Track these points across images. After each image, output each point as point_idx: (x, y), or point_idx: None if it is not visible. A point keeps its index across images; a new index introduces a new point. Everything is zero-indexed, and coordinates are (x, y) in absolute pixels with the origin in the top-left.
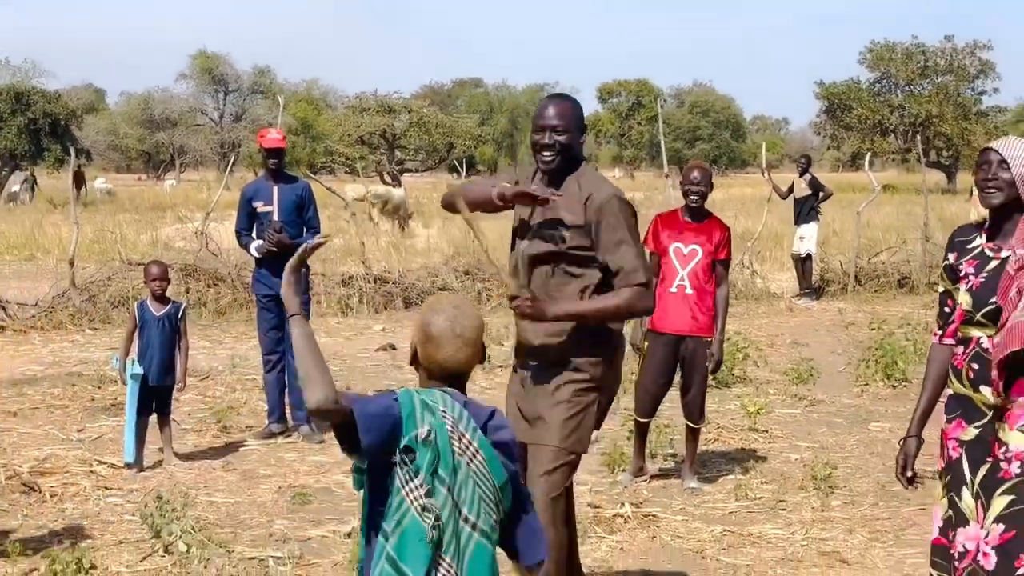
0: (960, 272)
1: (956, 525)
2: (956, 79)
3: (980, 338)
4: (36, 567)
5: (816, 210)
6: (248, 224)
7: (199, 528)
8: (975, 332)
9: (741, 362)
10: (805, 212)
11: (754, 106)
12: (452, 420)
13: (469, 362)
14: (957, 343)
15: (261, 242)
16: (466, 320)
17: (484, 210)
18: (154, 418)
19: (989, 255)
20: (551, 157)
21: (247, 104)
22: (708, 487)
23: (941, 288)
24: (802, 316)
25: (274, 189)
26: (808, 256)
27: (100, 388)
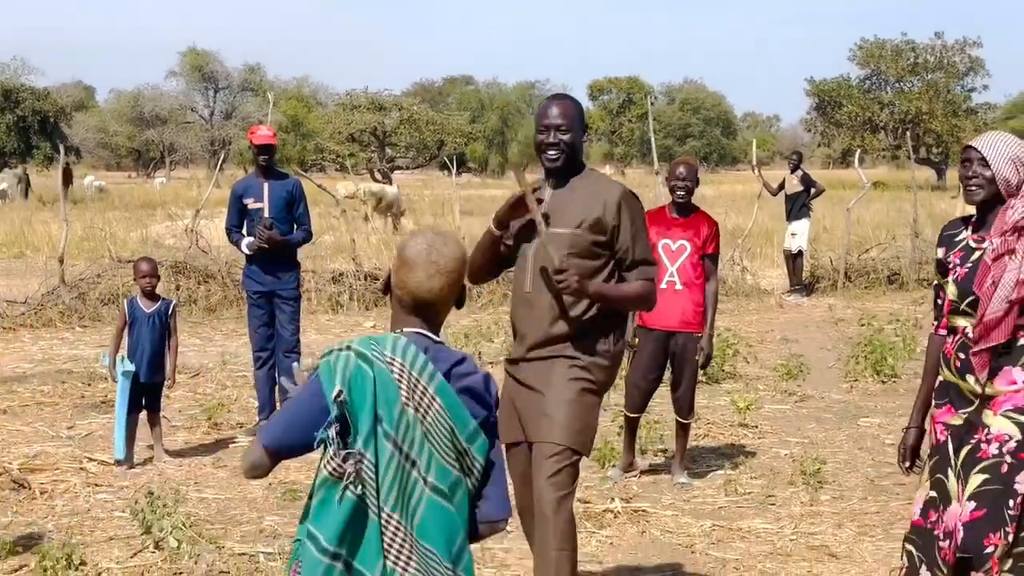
0: (949, 265)
1: (940, 506)
2: (946, 76)
3: (966, 328)
4: (26, 563)
5: (808, 207)
6: (239, 221)
7: (189, 524)
8: (961, 322)
9: (731, 358)
10: (797, 209)
11: (745, 103)
12: (400, 367)
13: (442, 293)
14: (948, 332)
15: (252, 239)
16: (444, 248)
17: (493, 260)
18: (144, 415)
19: (973, 246)
20: (556, 156)
21: (237, 101)
22: (698, 482)
23: (936, 282)
24: (792, 312)
25: (264, 186)
26: (800, 253)
27: (90, 385)
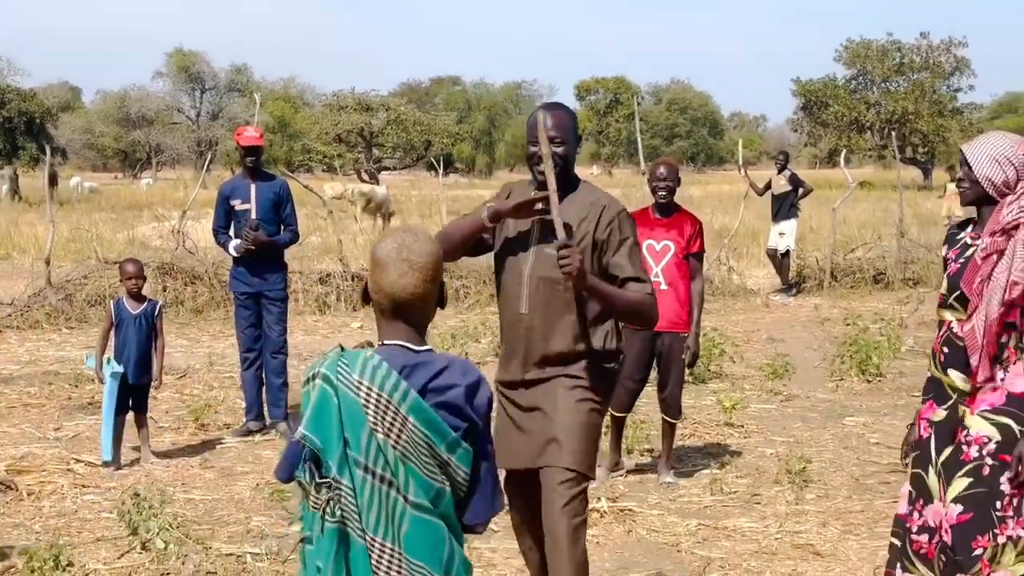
0: (947, 261)
1: (919, 502)
2: (932, 76)
3: (951, 322)
4: (13, 565)
5: (796, 206)
6: (226, 222)
7: (177, 525)
8: (947, 316)
9: (717, 358)
10: (786, 208)
11: (732, 103)
12: (368, 389)
13: (417, 290)
14: (937, 326)
15: (239, 241)
16: (415, 245)
17: (468, 245)
18: (131, 416)
19: (969, 243)
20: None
21: (224, 102)
22: (684, 481)
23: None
24: (778, 312)
25: (252, 187)
26: (787, 252)
27: (77, 387)
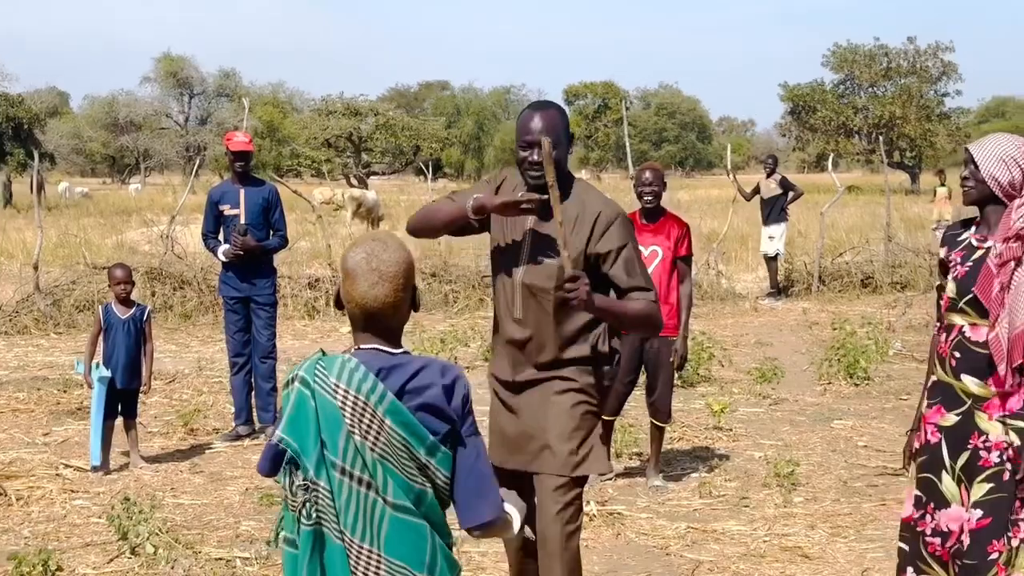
0: (950, 263)
1: (930, 506)
2: (919, 81)
3: (963, 326)
4: (3, 570)
5: (785, 210)
6: (215, 227)
7: (166, 530)
8: (958, 320)
9: (706, 362)
10: (776, 212)
11: (720, 108)
12: (344, 392)
13: (388, 299)
14: (944, 331)
15: (228, 246)
16: (384, 254)
17: (453, 231)
18: (120, 421)
19: (975, 245)
20: (540, 175)
21: (212, 107)
22: (673, 485)
23: (938, 282)
24: (766, 316)
25: (241, 192)
26: (776, 256)
27: (66, 392)
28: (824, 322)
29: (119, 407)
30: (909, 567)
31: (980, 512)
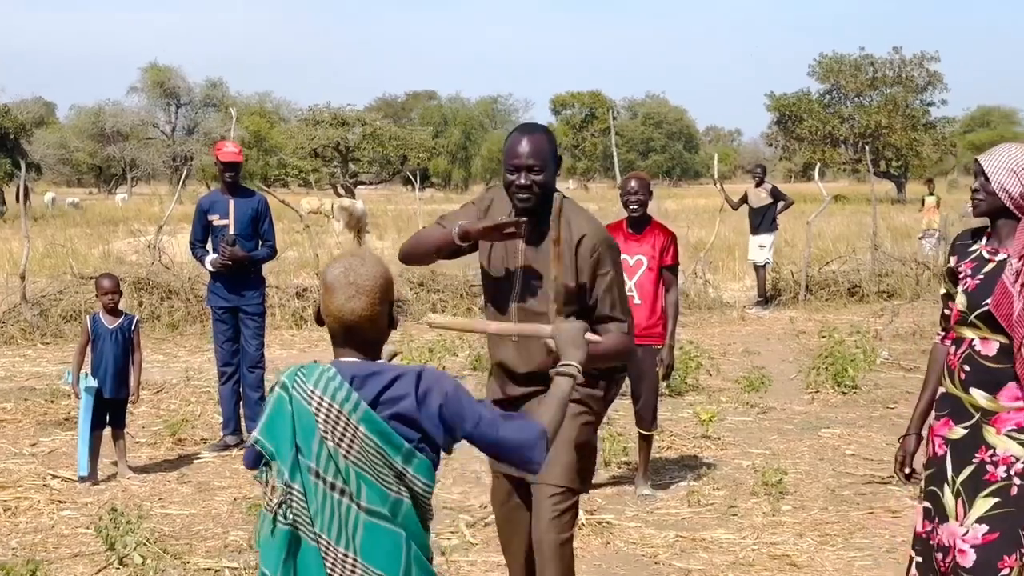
0: (960, 274)
1: (935, 518)
2: (905, 90)
3: (973, 340)
4: None
5: (776, 220)
6: (203, 236)
7: (154, 540)
8: (968, 333)
9: (694, 371)
10: (768, 221)
11: (707, 117)
12: (319, 399)
13: (365, 313)
14: (952, 343)
15: (216, 256)
16: (362, 268)
17: (441, 255)
18: (108, 431)
19: (986, 257)
20: (528, 198)
21: (199, 117)
22: (661, 494)
23: (943, 291)
24: (754, 325)
25: (230, 203)
26: (764, 264)
27: (53, 402)
28: (811, 331)
29: (107, 417)
30: None
31: (986, 527)
